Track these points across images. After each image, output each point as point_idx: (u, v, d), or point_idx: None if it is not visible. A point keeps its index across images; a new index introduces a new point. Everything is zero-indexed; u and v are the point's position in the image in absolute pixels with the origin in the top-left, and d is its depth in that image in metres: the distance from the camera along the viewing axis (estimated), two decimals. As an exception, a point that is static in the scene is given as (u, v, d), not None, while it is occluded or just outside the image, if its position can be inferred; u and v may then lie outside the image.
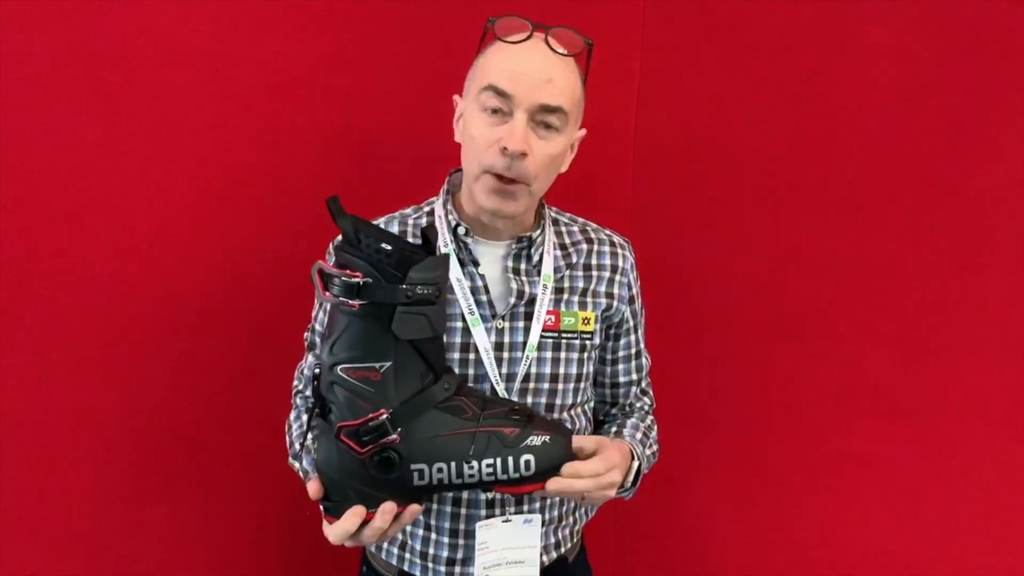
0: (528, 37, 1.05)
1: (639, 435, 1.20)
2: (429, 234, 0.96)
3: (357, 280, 0.90)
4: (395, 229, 1.18)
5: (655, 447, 1.24)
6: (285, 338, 1.32)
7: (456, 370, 1.11)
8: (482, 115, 1.06)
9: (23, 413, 1.30)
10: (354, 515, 0.95)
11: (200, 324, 1.39)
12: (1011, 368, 1.48)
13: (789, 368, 1.59)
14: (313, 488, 0.98)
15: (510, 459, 0.96)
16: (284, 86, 1.39)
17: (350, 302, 0.91)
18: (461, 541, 1.14)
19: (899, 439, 1.55)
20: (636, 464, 1.14)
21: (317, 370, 0.98)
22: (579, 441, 1.03)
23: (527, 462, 0.96)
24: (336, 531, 0.96)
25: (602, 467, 1.01)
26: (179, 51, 1.32)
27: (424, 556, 1.16)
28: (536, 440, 0.97)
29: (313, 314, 1.22)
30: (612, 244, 1.23)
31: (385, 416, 0.93)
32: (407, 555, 1.17)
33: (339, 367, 0.94)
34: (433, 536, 1.15)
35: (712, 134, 1.55)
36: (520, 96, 1.03)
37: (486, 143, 1.05)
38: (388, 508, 0.95)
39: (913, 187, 1.49)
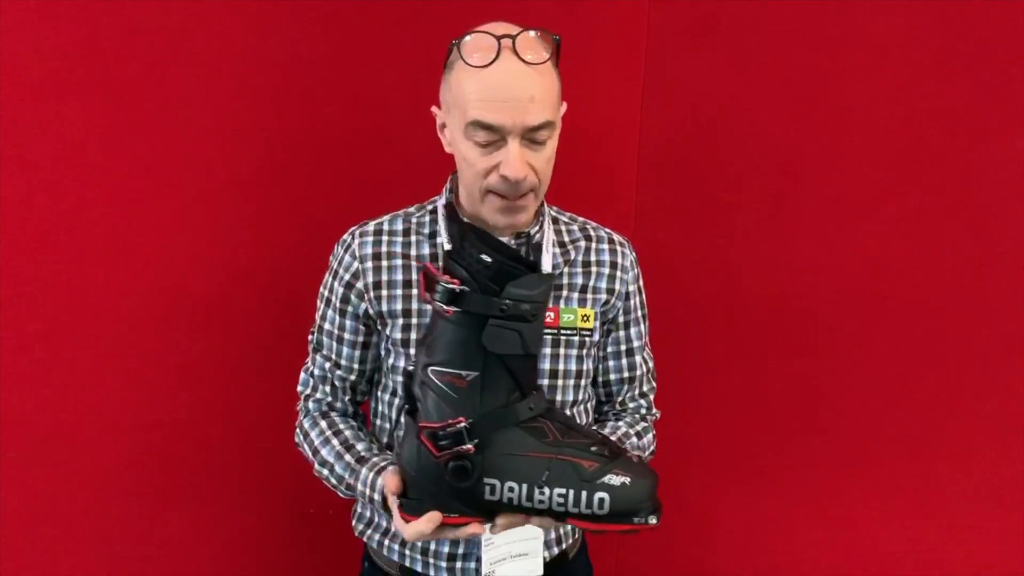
0: (497, 56, 1.02)
1: (614, 440, 1.17)
2: (535, 252, 0.95)
3: (454, 287, 0.91)
4: (399, 227, 1.18)
5: (639, 454, 1.21)
6: (289, 337, 1.33)
7: None
8: (473, 144, 1.05)
9: (25, 413, 1.31)
10: (431, 520, 0.96)
11: (204, 324, 1.40)
12: (1013, 370, 1.48)
13: (793, 369, 1.59)
14: (393, 482, 1.00)
15: (583, 494, 0.93)
16: (287, 85, 1.39)
17: (445, 308, 0.92)
18: (462, 536, 1.14)
19: (903, 440, 1.55)
20: None
21: (411, 367, 1.00)
22: None
23: (601, 500, 0.93)
24: (412, 530, 0.97)
25: None
26: (181, 50, 1.32)
27: (425, 552, 1.16)
28: (615, 480, 0.93)
29: (318, 315, 1.22)
30: (611, 241, 1.23)
31: (463, 424, 0.93)
32: (407, 551, 1.18)
33: (429, 368, 0.95)
34: (433, 531, 1.15)
35: (716, 134, 1.55)
36: (508, 125, 1.02)
37: (484, 169, 1.06)
38: (466, 530, 0.98)
39: (917, 188, 1.49)
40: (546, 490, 0.94)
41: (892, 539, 1.59)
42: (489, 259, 0.91)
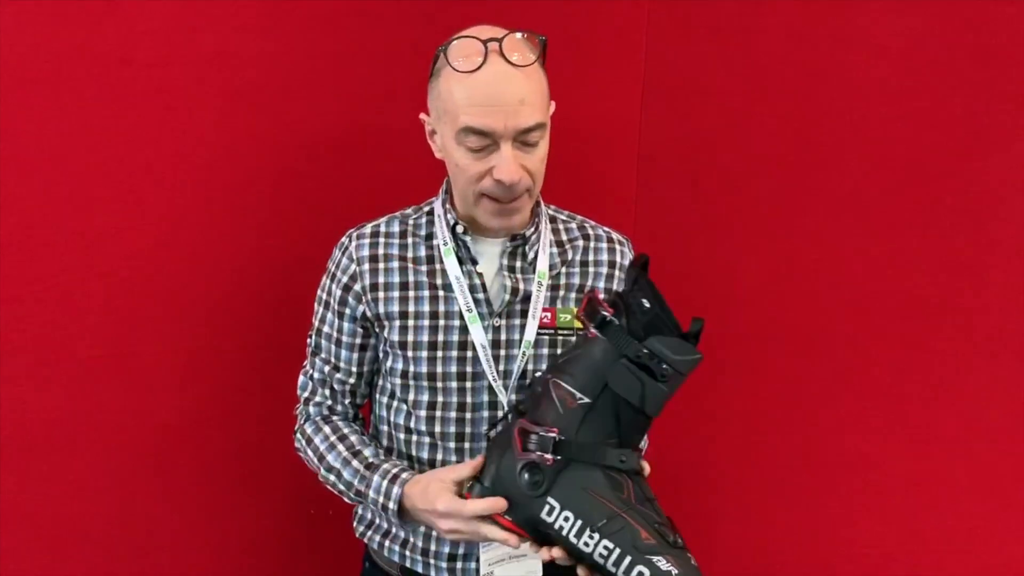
0: (484, 60, 1.02)
1: None
2: (697, 327, 0.97)
3: (605, 315, 0.95)
4: (395, 228, 1.18)
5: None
6: (289, 338, 1.33)
7: (454, 368, 1.12)
8: (465, 150, 1.06)
9: (26, 412, 1.31)
10: (495, 504, 0.98)
11: (203, 325, 1.40)
12: (1012, 369, 1.47)
13: (793, 369, 1.59)
14: (476, 463, 1.02)
15: (627, 559, 0.93)
16: (287, 85, 1.39)
17: (591, 329, 0.96)
18: (462, 536, 1.14)
19: (903, 440, 1.55)
20: None
21: (539, 372, 1.07)
22: None
23: (640, 574, 0.92)
24: (472, 507, 0.99)
25: None
26: (181, 51, 1.32)
27: (426, 553, 1.17)
28: (663, 565, 0.92)
29: (316, 318, 1.22)
30: (610, 240, 1.23)
31: (555, 435, 0.96)
32: (408, 552, 1.18)
33: (553, 377, 0.98)
34: (435, 533, 1.15)
35: (716, 134, 1.55)
36: (500, 130, 1.03)
37: (477, 173, 1.07)
38: (503, 535, 0.99)
39: (917, 189, 1.48)
40: (596, 536, 0.94)
41: (891, 539, 1.58)
42: (648, 305, 0.94)
